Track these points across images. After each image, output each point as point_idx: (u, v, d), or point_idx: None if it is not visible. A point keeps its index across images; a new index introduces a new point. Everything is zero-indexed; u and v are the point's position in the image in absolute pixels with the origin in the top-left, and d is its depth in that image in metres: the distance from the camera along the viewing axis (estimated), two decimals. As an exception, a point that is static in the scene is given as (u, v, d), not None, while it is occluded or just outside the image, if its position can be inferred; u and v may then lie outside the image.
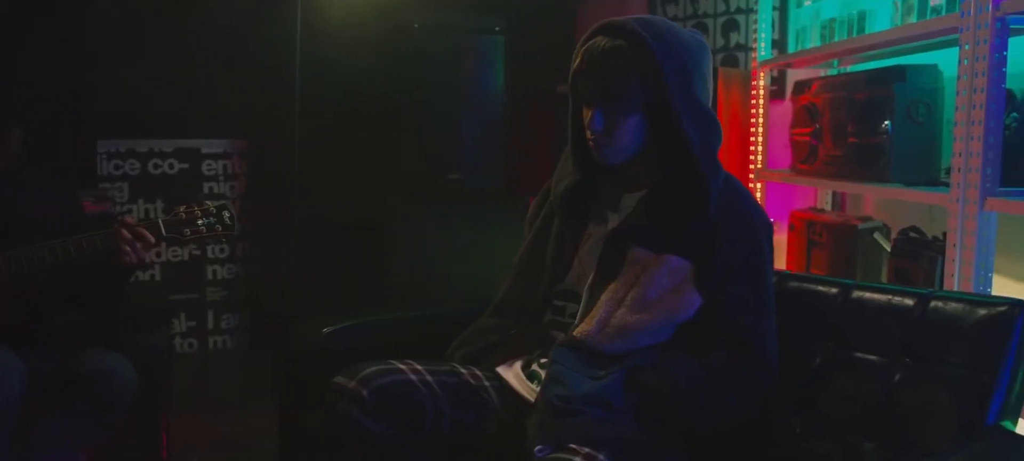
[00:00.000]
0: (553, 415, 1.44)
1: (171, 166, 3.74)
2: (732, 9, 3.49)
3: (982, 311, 1.39)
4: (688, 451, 1.49)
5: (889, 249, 2.43)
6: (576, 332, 1.55)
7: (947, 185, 2.12)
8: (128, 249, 1.87)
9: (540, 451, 1.38)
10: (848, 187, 2.60)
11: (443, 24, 3.58)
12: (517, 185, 3.89)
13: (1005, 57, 1.79)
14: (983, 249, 1.82)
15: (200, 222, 2.03)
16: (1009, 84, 1.85)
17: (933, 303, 1.47)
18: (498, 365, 1.67)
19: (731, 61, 3.48)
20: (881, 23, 2.49)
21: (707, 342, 1.51)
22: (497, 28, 3.62)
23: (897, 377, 1.46)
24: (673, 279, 1.51)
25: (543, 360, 1.63)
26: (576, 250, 1.67)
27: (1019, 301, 1.37)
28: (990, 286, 1.83)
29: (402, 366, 1.52)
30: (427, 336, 1.96)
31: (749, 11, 3.43)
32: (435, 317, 2.04)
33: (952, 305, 1.44)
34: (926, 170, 2.28)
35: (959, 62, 1.87)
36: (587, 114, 1.57)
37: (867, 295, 1.57)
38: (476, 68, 3.63)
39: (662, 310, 1.51)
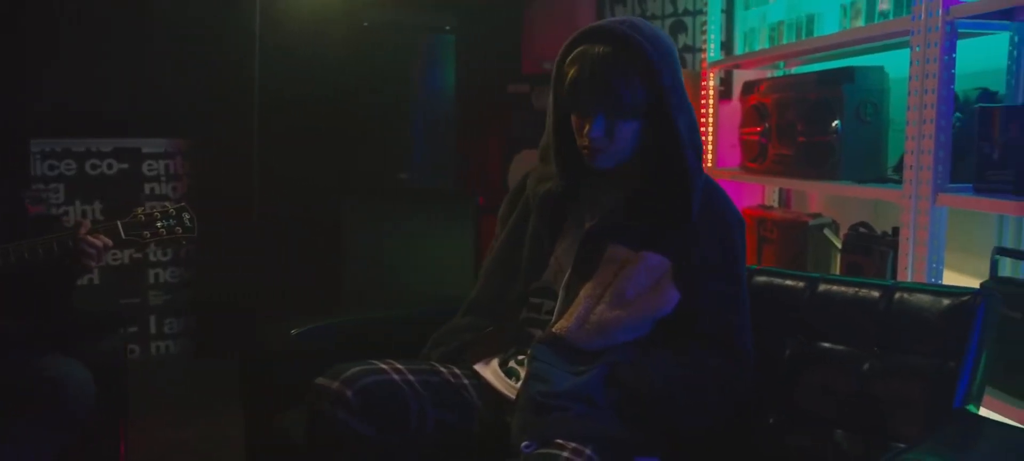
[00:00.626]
0: (536, 411, 1.44)
1: (110, 166, 3.62)
2: (680, 11, 3.56)
3: (946, 301, 1.45)
4: (670, 447, 1.51)
5: (839, 245, 2.52)
6: (555, 328, 1.56)
7: (894, 181, 2.21)
8: (90, 252, 1.80)
9: (527, 447, 1.38)
10: (801, 185, 2.68)
11: (393, 23, 3.56)
12: (467, 184, 3.89)
13: (954, 59, 1.88)
14: (935, 243, 1.90)
15: (159, 224, 1.97)
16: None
17: (898, 295, 1.53)
18: (475, 363, 1.66)
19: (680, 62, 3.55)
20: (829, 26, 2.57)
21: (685, 338, 1.53)
22: (448, 27, 3.62)
23: (866, 367, 1.51)
24: (651, 276, 1.54)
25: (520, 357, 1.63)
26: (553, 248, 1.67)
27: (981, 290, 1.44)
28: (941, 278, 1.91)
29: (384, 366, 1.51)
30: (397, 336, 1.95)
31: (696, 13, 3.51)
32: (405, 317, 2.02)
33: (916, 296, 1.50)
34: (874, 168, 2.37)
35: (911, 64, 1.95)
36: (580, 121, 1.56)
37: (833, 288, 1.62)
38: (427, 67, 3.62)
39: (641, 306, 1.53)
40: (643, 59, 1.51)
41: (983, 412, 1.44)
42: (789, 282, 1.69)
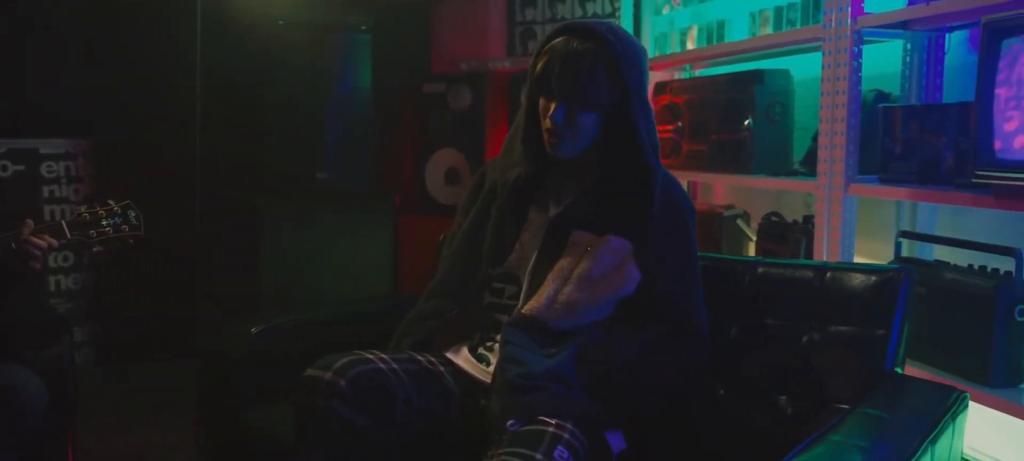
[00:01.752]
0: (516, 392, 1.52)
1: (4, 168, 3.42)
2: (589, 14, 3.72)
3: (873, 278, 1.64)
4: (631, 420, 1.63)
5: (751, 234, 2.73)
6: (525, 309, 1.65)
7: (802, 174, 2.43)
8: (35, 253, 1.75)
9: (512, 425, 1.47)
10: (717, 179, 2.88)
11: (309, 22, 3.54)
12: (384, 184, 3.92)
13: (861, 64, 2.10)
14: (847, 228, 2.12)
15: (105, 223, 1.93)
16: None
17: (829, 274, 1.71)
18: (444, 350, 1.73)
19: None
20: (738, 32, 2.78)
21: (645, 316, 1.66)
22: (364, 27, 3.63)
23: (804, 340, 1.69)
24: (615, 258, 1.65)
25: (489, 343, 1.72)
26: (517, 235, 1.76)
27: (903, 267, 1.64)
28: (853, 260, 2.13)
29: (370, 355, 1.56)
30: (357, 329, 2.00)
31: (606, 16, 3.67)
32: (363, 312, 2.07)
33: (846, 274, 1.69)
34: (782, 162, 2.59)
35: (823, 68, 2.17)
36: (546, 106, 1.66)
37: (771, 270, 1.79)
38: (343, 67, 3.63)
39: (606, 287, 1.64)
40: (612, 59, 1.62)
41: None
42: (730, 266, 1.85)
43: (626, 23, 3.28)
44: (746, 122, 2.60)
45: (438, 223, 3.70)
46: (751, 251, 2.70)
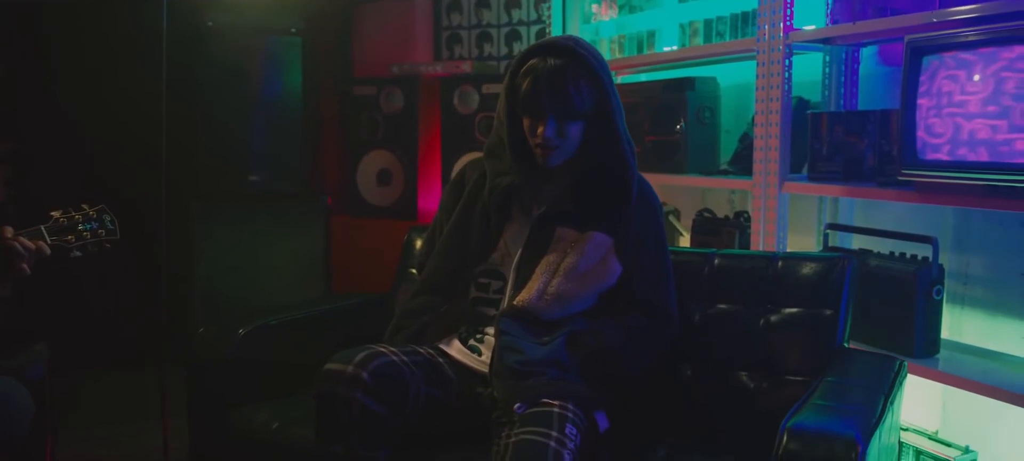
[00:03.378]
0: (517, 378, 1.65)
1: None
2: (514, 21, 3.87)
3: (821, 264, 1.86)
4: (614, 399, 1.79)
5: (682, 230, 2.95)
6: (517, 301, 1.77)
7: (732, 173, 2.66)
8: (23, 254, 1.72)
9: (519, 408, 1.59)
10: (653, 178, 3.05)
11: (238, 24, 3.53)
12: (314, 185, 3.94)
13: (792, 74, 2.34)
14: (781, 222, 2.36)
15: (82, 228, 1.90)
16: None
17: (780, 262, 1.92)
18: (436, 342, 1.84)
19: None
20: (667, 41, 3.00)
21: (624, 306, 1.82)
22: (293, 30, 3.65)
23: (761, 322, 1.89)
24: (598, 252, 1.80)
25: (478, 335, 1.84)
26: (501, 233, 1.89)
27: (846, 255, 1.87)
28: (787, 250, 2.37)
29: (382, 349, 1.64)
30: (338, 327, 2.07)
31: (531, 23, 3.83)
32: (342, 308, 2.14)
33: (796, 262, 1.90)
34: (711, 163, 2.83)
35: (757, 76, 2.39)
36: (533, 124, 1.78)
37: (727, 262, 1.99)
38: (273, 69, 3.63)
39: (591, 279, 1.79)
40: (588, 69, 1.77)
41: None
42: (691, 258, 2.03)
43: (557, 30, 3.45)
44: (678, 125, 2.82)
45: (371, 224, 3.80)
46: (685, 245, 2.92)
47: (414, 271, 2.34)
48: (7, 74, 3.36)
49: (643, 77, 3.20)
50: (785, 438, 1.32)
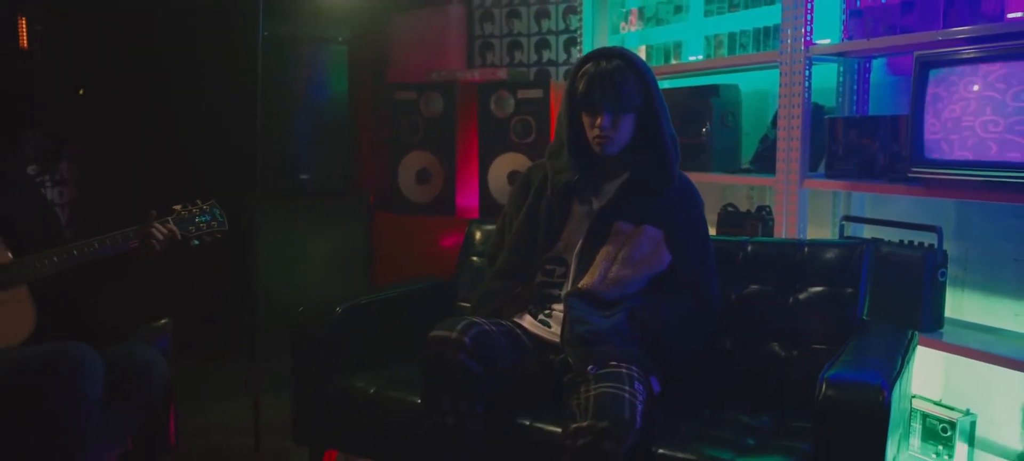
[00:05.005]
0: (588, 345, 1.94)
1: None
2: (544, 31, 4.16)
3: (842, 249, 2.16)
4: (665, 367, 2.08)
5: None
6: (581, 284, 2.07)
7: (754, 172, 2.96)
8: (160, 238, 2.01)
9: (593, 369, 1.88)
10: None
11: (290, 35, 3.81)
12: (358, 183, 4.22)
13: (811, 83, 2.63)
14: (802, 214, 2.65)
15: (199, 219, 2.18)
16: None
17: (806, 248, 2.22)
18: (512, 318, 2.13)
19: (543, 74, 4.15)
20: (692, 51, 3.29)
21: (672, 288, 2.11)
22: (340, 39, 3.94)
23: (790, 300, 2.18)
24: (651, 243, 2.09)
25: (546, 311, 2.13)
26: (564, 226, 2.18)
27: (865, 241, 2.16)
28: (806, 240, 2.66)
29: (477, 319, 1.94)
30: (417, 305, 2.36)
31: (559, 33, 4.12)
32: (418, 291, 2.45)
33: (820, 249, 2.20)
34: (733, 162, 3.12)
35: (780, 85, 2.69)
36: (593, 119, 2.07)
37: (759, 248, 2.28)
38: (321, 76, 3.92)
39: (644, 265, 2.08)
40: (636, 70, 2.07)
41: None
42: (728, 245, 2.32)
43: (589, 39, 3.74)
44: (704, 128, 3.11)
45: (410, 220, 4.08)
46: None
47: (475, 259, 2.64)
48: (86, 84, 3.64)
49: (670, 84, 3.49)
50: (824, 386, 1.62)
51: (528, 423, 1.94)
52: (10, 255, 1.90)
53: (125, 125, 3.72)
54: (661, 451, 1.79)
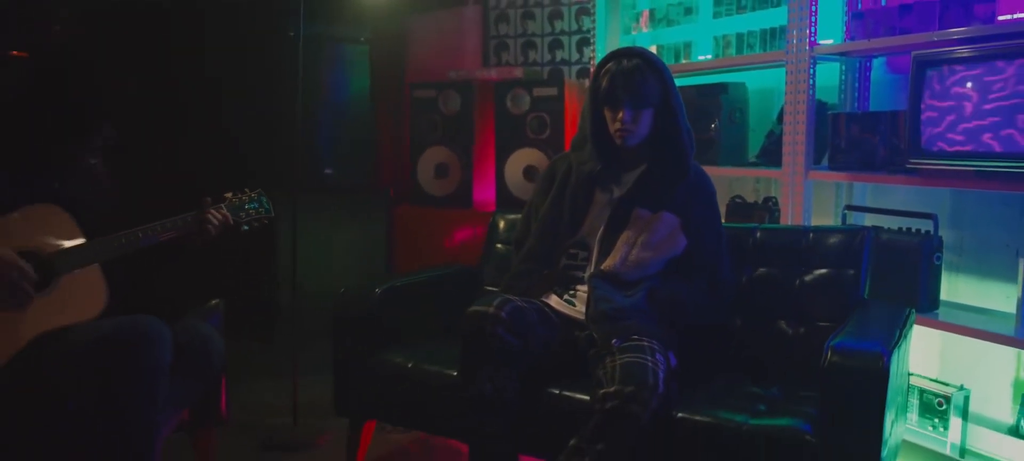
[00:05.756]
0: (611, 320, 2.12)
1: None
2: (557, 31, 4.33)
3: (845, 235, 2.33)
4: (682, 343, 2.25)
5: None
6: (604, 266, 2.24)
7: (762, 165, 3.13)
8: (215, 223, 2.17)
9: (617, 342, 2.05)
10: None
11: (316, 35, 3.98)
12: (378, 177, 4.40)
13: (816, 81, 2.81)
14: (807, 204, 2.82)
15: (248, 207, 2.34)
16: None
17: (811, 234, 2.39)
18: (540, 297, 2.30)
19: (557, 73, 4.32)
20: (701, 51, 3.47)
21: (688, 271, 2.28)
22: (362, 39, 4.11)
23: (797, 282, 2.35)
24: (668, 228, 2.27)
25: (571, 291, 2.30)
26: (587, 212, 2.35)
27: (866, 228, 2.34)
28: (810, 228, 2.83)
29: (511, 296, 2.11)
30: (446, 288, 2.53)
31: (572, 33, 4.30)
32: (445, 275, 2.63)
33: (823, 234, 2.37)
34: (741, 157, 3.29)
35: (786, 83, 2.86)
36: (615, 113, 2.24)
37: (767, 235, 2.45)
38: (344, 74, 4.09)
39: (662, 249, 2.26)
40: (654, 68, 2.24)
41: (867, 302, 2.34)
42: (738, 231, 2.49)
43: (602, 40, 3.91)
44: (713, 124, 3.28)
45: (428, 213, 4.25)
46: (718, 227, 3.38)
47: (500, 247, 2.81)
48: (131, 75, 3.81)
49: (680, 82, 3.66)
50: (830, 353, 1.79)
51: (558, 392, 2.11)
52: (83, 239, 2.07)
53: (173, 118, 3.89)
54: (681, 415, 1.96)
